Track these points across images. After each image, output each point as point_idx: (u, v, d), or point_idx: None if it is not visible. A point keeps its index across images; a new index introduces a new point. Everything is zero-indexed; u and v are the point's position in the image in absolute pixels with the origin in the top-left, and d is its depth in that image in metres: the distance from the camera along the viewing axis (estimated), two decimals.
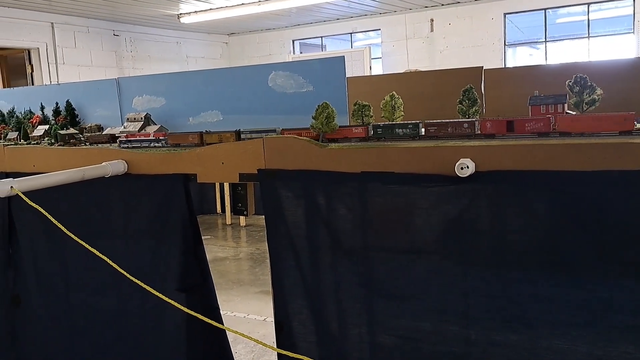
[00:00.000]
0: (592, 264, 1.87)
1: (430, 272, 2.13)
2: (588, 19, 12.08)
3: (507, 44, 12.91)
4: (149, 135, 3.03)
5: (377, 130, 2.58)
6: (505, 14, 12.73)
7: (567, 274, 1.91)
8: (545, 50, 12.78)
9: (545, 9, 12.35)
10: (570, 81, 2.28)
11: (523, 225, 1.95)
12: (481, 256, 2.03)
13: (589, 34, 12.12)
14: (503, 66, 12.29)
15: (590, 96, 2.21)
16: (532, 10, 12.51)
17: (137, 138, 3.00)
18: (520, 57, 13.64)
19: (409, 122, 2.54)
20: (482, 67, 4.57)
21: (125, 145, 2.94)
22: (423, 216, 2.10)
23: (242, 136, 2.75)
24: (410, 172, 2.13)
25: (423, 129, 2.48)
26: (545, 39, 12.71)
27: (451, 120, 2.43)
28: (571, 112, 2.37)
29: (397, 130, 2.52)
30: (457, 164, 1.99)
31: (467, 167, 1.97)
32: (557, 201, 1.89)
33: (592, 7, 11.97)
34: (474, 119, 2.45)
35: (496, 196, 1.99)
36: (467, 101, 2.57)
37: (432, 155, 2.10)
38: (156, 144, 2.94)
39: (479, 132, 2.35)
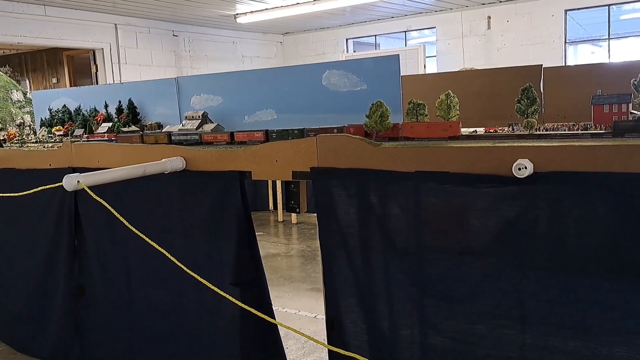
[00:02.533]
0: None
1: (485, 275, 2.09)
2: None
3: (567, 41, 12.49)
4: (103, 135, 3.75)
5: (272, 134, 2.99)
6: (566, 11, 12.31)
7: (630, 280, 1.84)
8: (609, 47, 12.29)
9: (609, 5, 11.87)
10: (635, 80, 2.20)
11: (584, 228, 1.89)
12: (539, 260, 1.98)
13: None
14: (563, 64, 11.90)
15: None
16: (594, 6, 12.05)
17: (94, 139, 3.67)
18: (581, 55, 13.16)
19: (296, 128, 2.94)
20: (542, 65, 4.45)
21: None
22: (478, 217, 2.07)
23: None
24: (466, 172, 2.09)
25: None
26: (609, 36, 12.22)
27: (329, 127, 2.75)
28: (636, 112, 2.28)
29: (288, 136, 2.91)
30: (514, 164, 1.94)
31: (525, 167, 1.92)
32: (620, 204, 1.83)
33: None
34: (342, 126, 2.75)
35: (556, 198, 1.93)
36: (525, 100, 2.52)
37: (488, 155, 2.06)
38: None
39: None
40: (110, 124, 3.88)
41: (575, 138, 2.22)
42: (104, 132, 3.84)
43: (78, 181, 2.35)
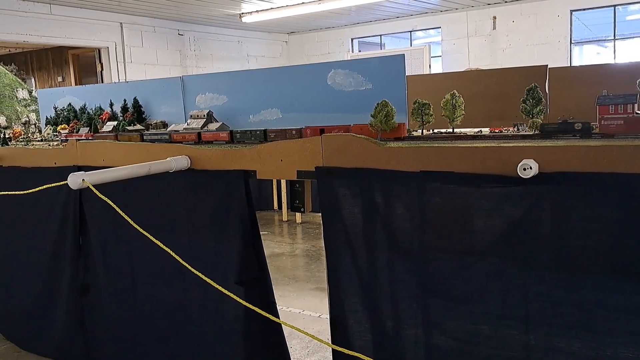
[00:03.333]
0: None
1: (490, 275, 2.09)
2: None
3: (573, 42, 12.45)
4: (81, 135, 3.86)
5: (236, 135, 3.17)
6: (572, 11, 12.27)
7: (635, 281, 1.83)
8: (614, 48, 12.24)
9: (614, 6, 11.82)
10: None
11: (590, 229, 1.88)
12: (544, 260, 1.98)
13: None
14: (569, 65, 11.86)
15: None
16: (600, 7, 12.00)
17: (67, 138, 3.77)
18: (587, 56, 13.11)
19: (258, 129, 3.10)
20: (547, 65, 4.44)
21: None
22: (483, 217, 2.07)
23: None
24: (471, 172, 2.09)
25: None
26: (615, 36, 12.17)
27: (283, 129, 2.97)
28: None
29: (250, 136, 3.08)
30: (519, 164, 1.94)
31: (530, 167, 1.92)
32: (626, 205, 1.82)
33: None
34: (301, 127, 2.86)
35: (561, 199, 1.93)
36: (531, 100, 2.51)
37: (493, 155, 2.06)
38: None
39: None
40: (115, 123, 3.89)
41: (505, 140, 2.33)
42: (86, 132, 4.06)
43: (83, 179, 2.36)
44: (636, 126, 2.14)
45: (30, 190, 2.85)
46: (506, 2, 12.74)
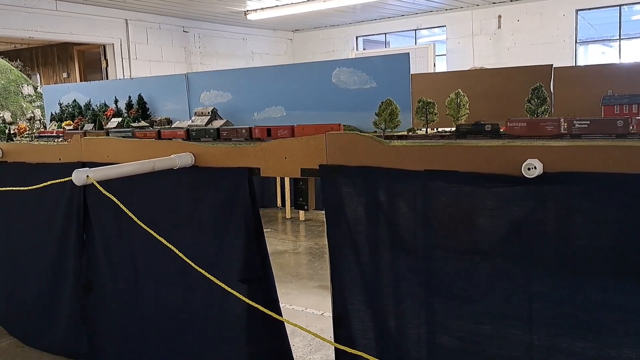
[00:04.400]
0: None
1: (493, 275, 2.09)
2: None
3: (578, 41, 12.41)
4: (52, 132, 4.10)
5: (192, 132, 3.30)
6: (577, 11, 12.23)
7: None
8: (619, 48, 12.20)
9: (620, 6, 11.78)
10: None
11: (594, 230, 1.88)
12: (548, 260, 1.97)
13: None
14: (574, 64, 11.83)
15: None
16: (605, 6, 11.96)
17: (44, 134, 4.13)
18: (592, 55, 13.07)
19: (212, 127, 3.22)
20: (552, 65, 4.43)
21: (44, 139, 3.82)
22: (487, 217, 2.06)
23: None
24: (475, 172, 2.09)
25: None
26: (620, 36, 12.13)
27: (234, 128, 3.10)
28: None
29: (205, 134, 3.23)
30: (524, 164, 1.93)
31: (535, 167, 1.91)
32: (630, 205, 1.81)
33: None
34: (250, 127, 3.05)
35: (565, 199, 1.92)
36: (536, 100, 2.51)
37: (498, 154, 2.06)
38: (56, 139, 3.88)
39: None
40: (120, 119, 3.90)
41: (427, 139, 2.54)
42: (56, 129, 4.29)
43: (87, 176, 2.36)
44: (535, 128, 2.33)
45: (34, 186, 2.86)
46: (511, 1, 12.71)
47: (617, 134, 2.15)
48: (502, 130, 2.50)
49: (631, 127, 2.15)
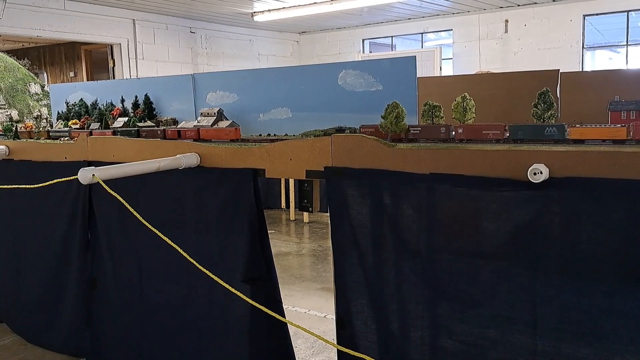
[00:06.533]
0: None
1: (498, 279, 2.08)
2: None
3: (585, 46, 12.37)
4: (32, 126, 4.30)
5: (117, 132, 3.48)
6: (584, 16, 12.19)
7: None
8: (627, 54, 12.15)
9: (627, 11, 11.74)
10: None
11: (600, 235, 1.87)
12: (553, 265, 1.97)
13: None
14: (581, 70, 11.79)
15: None
16: (613, 12, 11.92)
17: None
18: (599, 61, 13.03)
19: (133, 129, 3.47)
20: (559, 70, 4.42)
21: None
22: (492, 221, 2.06)
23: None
24: (481, 176, 2.08)
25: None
26: (627, 42, 12.09)
27: (152, 129, 3.32)
28: None
29: (129, 135, 3.39)
30: (530, 168, 1.93)
31: (541, 172, 1.91)
32: (637, 211, 1.81)
33: None
34: (164, 128, 3.27)
35: (571, 204, 1.92)
36: (542, 104, 2.50)
37: (504, 158, 2.05)
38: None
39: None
40: (126, 119, 3.91)
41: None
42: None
43: (93, 175, 2.37)
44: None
45: (40, 184, 2.87)
46: (519, 5, 12.67)
47: (441, 139, 2.54)
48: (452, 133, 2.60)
49: (452, 133, 2.51)
